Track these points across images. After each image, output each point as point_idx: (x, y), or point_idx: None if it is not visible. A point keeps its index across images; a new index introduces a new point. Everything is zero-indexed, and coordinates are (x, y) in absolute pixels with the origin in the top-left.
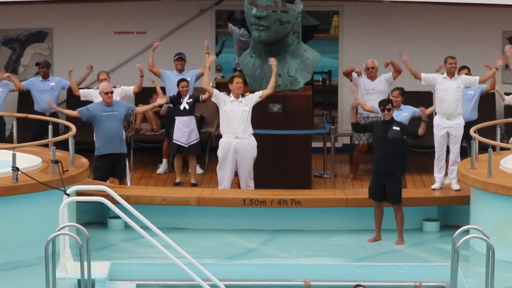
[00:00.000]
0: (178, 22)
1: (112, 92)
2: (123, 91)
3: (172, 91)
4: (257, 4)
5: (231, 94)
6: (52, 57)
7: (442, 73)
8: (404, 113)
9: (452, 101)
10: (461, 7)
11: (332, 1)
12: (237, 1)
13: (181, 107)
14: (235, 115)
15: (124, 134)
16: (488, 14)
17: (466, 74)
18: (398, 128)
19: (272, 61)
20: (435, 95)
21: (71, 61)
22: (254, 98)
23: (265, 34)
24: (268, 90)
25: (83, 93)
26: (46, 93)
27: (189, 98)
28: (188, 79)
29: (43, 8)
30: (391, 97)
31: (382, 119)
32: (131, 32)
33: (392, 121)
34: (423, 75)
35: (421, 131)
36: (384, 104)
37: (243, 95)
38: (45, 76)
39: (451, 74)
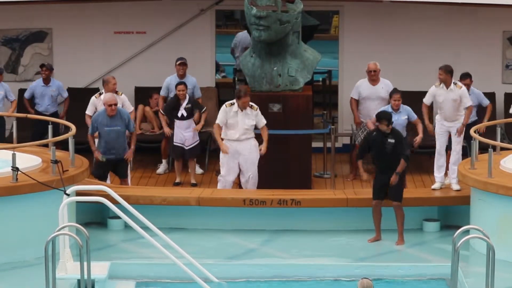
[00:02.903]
0: (178, 22)
1: (116, 104)
2: (123, 102)
3: None
4: (257, 4)
5: (234, 103)
6: (52, 57)
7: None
8: (403, 116)
9: (451, 111)
10: (461, 7)
11: (332, 1)
12: (237, 1)
13: (179, 114)
14: (238, 124)
15: (126, 140)
16: (488, 14)
17: (467, 84)
18: (393, 141)
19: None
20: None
21: (71, 61)
22: (259, 123)
23: (265, 34)
24: (262, 135)
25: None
26: (47, 97)
27: (187, 104)
28: (189, 87)
29: (43, 8)
30: (391, 101)
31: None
32: (131, 32)
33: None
34: (425, 100)
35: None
36: (379, 118)
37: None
38: (47, 80)
39: (445, 84)
